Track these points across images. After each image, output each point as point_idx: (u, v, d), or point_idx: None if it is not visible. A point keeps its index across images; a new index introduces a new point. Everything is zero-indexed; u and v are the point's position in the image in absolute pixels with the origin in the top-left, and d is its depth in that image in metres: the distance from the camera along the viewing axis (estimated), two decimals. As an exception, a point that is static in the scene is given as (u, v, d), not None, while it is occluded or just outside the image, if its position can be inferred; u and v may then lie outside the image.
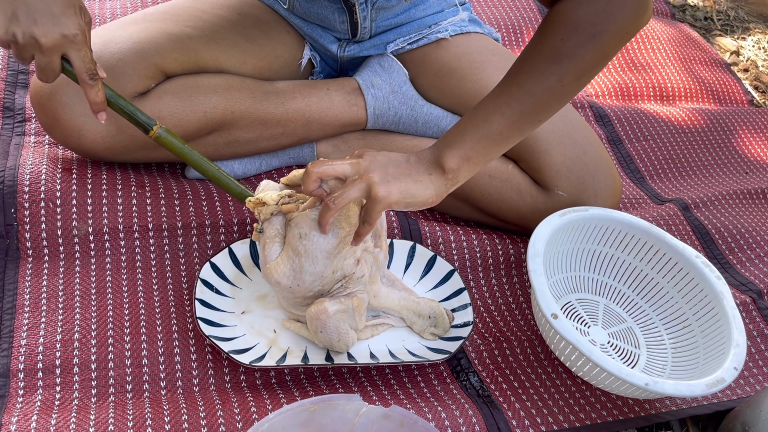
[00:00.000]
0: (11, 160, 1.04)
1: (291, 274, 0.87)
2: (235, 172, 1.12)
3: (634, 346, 1.04)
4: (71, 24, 0.75)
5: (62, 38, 0.76)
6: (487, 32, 1.23)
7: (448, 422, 0.86)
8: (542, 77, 0.80)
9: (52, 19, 0.74)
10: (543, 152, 1.07)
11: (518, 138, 0.85)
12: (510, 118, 0.82)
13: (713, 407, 0.97)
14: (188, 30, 1.03)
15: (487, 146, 0.83)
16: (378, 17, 1.13)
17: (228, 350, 0.87)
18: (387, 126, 1.17)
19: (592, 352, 0.87)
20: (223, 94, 1.03)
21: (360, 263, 0.90)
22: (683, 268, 1.04)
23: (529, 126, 0.84)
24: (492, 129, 0.82)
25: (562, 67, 0.79)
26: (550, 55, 0.80)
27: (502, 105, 0.82)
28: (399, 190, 0.80)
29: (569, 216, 1.02)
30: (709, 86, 1.64)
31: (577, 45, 0.79)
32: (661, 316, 1.06)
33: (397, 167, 0.82)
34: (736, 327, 0.95)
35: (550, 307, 0.90)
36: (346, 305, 0.88)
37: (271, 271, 0.87)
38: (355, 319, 0.90)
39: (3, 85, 1.19)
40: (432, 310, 0.97)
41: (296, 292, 0.89)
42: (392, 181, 0.80)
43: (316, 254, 0.86)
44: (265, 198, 0.87)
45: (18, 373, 0.85)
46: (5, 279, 0.94)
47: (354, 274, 0.90)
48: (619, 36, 0.80)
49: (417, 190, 0.82)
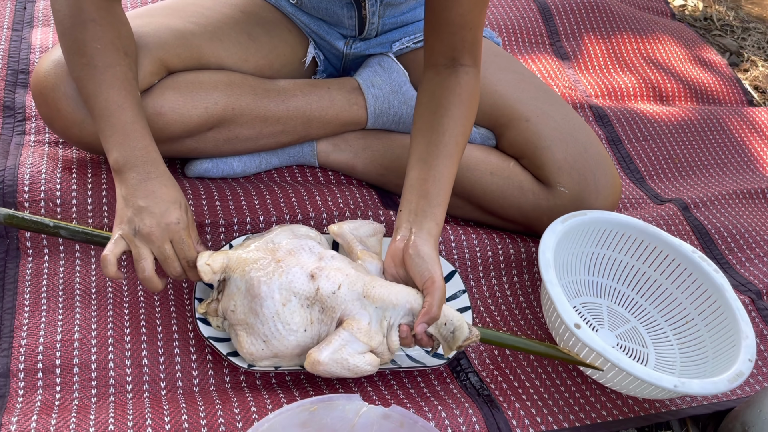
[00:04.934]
0: (11, 160, 1.03)
1: (263, 346, 0.84)
2: (235, 170, 1.12)
3: (642, 345, 1.04)
4: (173, 216, 0.86)
5: (166, 227, 0.85)
6: (489, 36, 1.25)
7: (448, 422, 0.86)
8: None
9: (157, 215, 0.85)
10: (545, 148, 1.07)
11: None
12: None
13: (713, 407, 0.98)
14: (191, 26, 1.03)
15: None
16: (385, 14, 1.13)
17: (226, 353, 0.87)
18: (387, 125, 1.17)
19: (620, 360, 0.87)
20: (224, 91, 1.03)
21: (317, 276, 0.84)
22: (681, 264, 1.04)
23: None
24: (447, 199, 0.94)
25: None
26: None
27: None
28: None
29: (571, 221, 1.03)
30: (709, 86, 1.64)
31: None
32: (663, 313, 1.06)
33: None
34: (741, 319, 0.95)
35: (571, 318, 0.89)
36: (339, 341, 0.82)
37: (246, 356, 0.85)
38: (360, 340, 0.83)
39: (3, 85, 1.19)
40: (447, 317, 0.86)
41: (284, 355, 0.85)
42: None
43: (265, 315, 0.83)
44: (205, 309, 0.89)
45: (18, 373, 0.85)
46: (5, 279, 0.94)
47: (320, 293, 0.84)
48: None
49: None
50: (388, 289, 0.85)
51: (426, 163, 0.94)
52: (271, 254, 0.86)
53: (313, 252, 0.88)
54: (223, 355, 0.87)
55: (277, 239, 0.89)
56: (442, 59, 0.99)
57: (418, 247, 0.87)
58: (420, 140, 0.96)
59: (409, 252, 0.87)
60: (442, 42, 0.97)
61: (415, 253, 0.87)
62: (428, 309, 0.84)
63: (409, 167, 0.96)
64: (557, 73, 1.57)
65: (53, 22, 1.35)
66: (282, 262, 0.85)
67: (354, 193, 1.14)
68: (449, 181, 0.94)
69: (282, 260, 0.85)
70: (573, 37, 1.68)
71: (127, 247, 0.86)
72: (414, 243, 0.87)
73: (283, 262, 0.85)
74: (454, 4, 0.94)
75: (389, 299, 0.84)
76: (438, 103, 0.97)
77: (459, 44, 0.97)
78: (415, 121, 0.99)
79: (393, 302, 0.85)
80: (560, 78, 1.56)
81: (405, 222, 0.91)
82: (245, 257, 0.86)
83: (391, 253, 0.90)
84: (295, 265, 0.85)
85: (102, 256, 0.84)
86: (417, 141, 0.97)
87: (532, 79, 1.18)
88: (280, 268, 0.84)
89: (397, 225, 0.91)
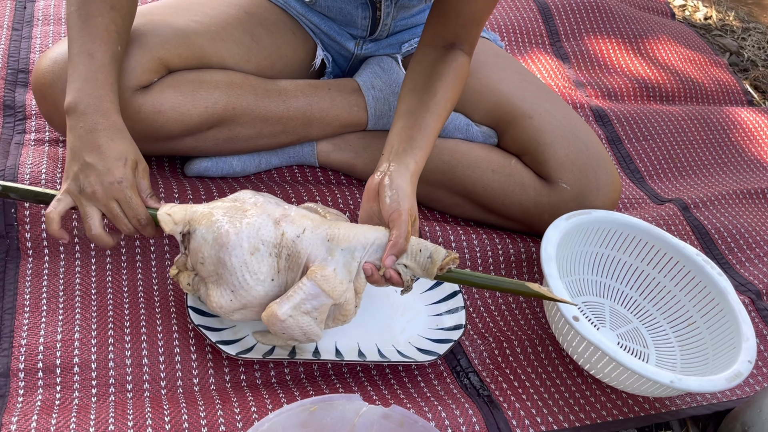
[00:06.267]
0: (11, 159, 1.04)
1: (231, 296, 0.83)
2: (235, 169, 1.13)
3: (643, 345, 1.04)
4: (116, 174, 0.85)
5: (109, 186, 0.84)
6: (493, 39, 1.26)
7: (448, 422, 0.86)
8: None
9: (101, 173, 0.84)
10: (548, 145, 1.08)
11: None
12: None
13: (713, 407, 0.98)
14: (194, 25, 1.03)
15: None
16: (398, 15, 1.14)
17: (215, 340, 0.87)
18: (388, 126, 1.17)
19: (617, 353, 0.87)
20: (225, 90, 1.04)
21: (282, 222, 0.83)
22: (684, 267, 1.04)
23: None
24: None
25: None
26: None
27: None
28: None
29: (575, 219, 1.03)
30: (709, 86, 1.64)
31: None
32: (665, 315, 1.06)
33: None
34: (743, 321, 0.96)
35: (570, 310, 0.90)
36: (301, 294, 0.80)
37: (216, 309, 0.84)
38: (325, 291, 0.81)
39: (3, 84, 1.19)
40: (421, 244, 0.84)
41: (252, 306, 0.84)
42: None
43: (233, 265, 0.81)
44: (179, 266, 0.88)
45: (18, 372, 0.85)
46: (5, 279, 0.94)
47: (284, 238, 0.82)
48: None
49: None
50: (354, 230, 0.83)
51: (414, 115, 0.95)
52: (236, 207, 0.85)
53: (279, 205, 0.87)
54: (212, 341, 0.87)
55: (241, 196, 0.87)
56: (441, 42, 1.02)
57: (393, 179, 0.87)
58: (409, 97, 0.97)
59: (384, 183, 0.87)
60: (448, 30, 1.01)
61: (388, 184, 0.86)
62: (395, 241, 0.82)
63: (396, 119, 0.96)
64: (557, 73, 1.57)
65: (53, 22, 1.35)
66: (248, 212, 0.83)
67: (354, 193, 1.14)
68: (434, 134, 0.95)
69: (248, 210, 0.84)
70: (573, 37, 1.68)
71: (73, 203, 0.86)
72: (390, 176, 0.87)
73: (250, 212, 0.84)
74: (470, 1, 0.98)
75: (356, 239, 0.82)
76: (433, 70, 0.99)
77: (463, 35, 1.01)
78: (405, 83, 1.00)
79: (361, 242, 0.82)
80: (560, 78, 1.56)
81: (384, 161, 0.91)
82: (209, 210, 0.84)
83: (367, 189, 0.89)
84: (261, 213, 0.84)
85: (45, 213, 0.84)
86: (406, 98, 0.98)
87: (533, 80, 1.19)
88: (246, 218, 0.83)
89: (377, 166, 0.91)
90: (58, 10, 1.37)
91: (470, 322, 1.03)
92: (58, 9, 1.38)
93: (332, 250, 0.82)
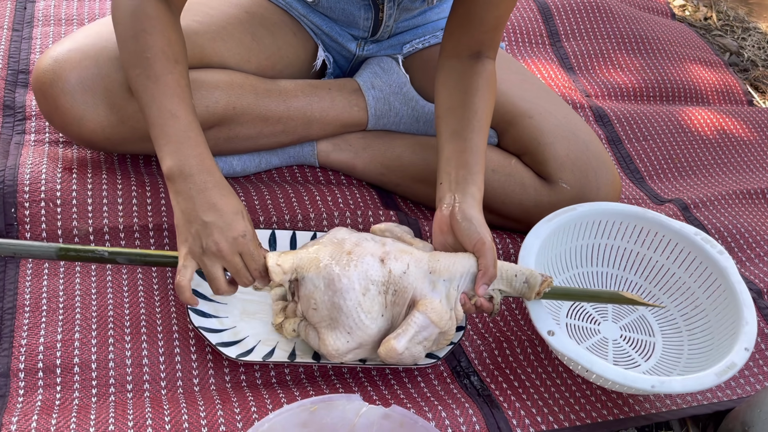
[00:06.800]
0: (11, 160, 1.04)
1: (347, 338, 0.85)
2: (235, 169, 1.13)
3: (649, 334, 1.03)
4: (239, 229, 0.84)
5: (234, 241, 0.84)
6: None
7: (448, 422, 0.86)
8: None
9: (224, 229, 0.84)
10: (548, 144, 1.08)
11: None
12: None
13: (713, 407, 0.98)
14: (195, 25, 1.03)
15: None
16: (400, 17, 1.14)
17: (216, 342, 0.88)
18: (388, 126, 1.17)
19: (593, 365, 0.86)
20: (225, 90, 1.04)
21: (387, 259, 0.86)
22: (684, 248, 1.04)
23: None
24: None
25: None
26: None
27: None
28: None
29: (556, 221, 1.01)
30: (709, 86, 1.64)
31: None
32: (672, 297, 1.05)
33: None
34: (744, 303, 0.94)
35: (546, 324, 0.89)
36: (414, 327, 0.84)
37: (332, 353, 0.85)
38: (434, 322, 0.85)
39: (3, 84, 1.19)
40: (515, 269, 0.89)
41: (366, 344, 0.86)
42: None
43: (348, 307, 0.84)
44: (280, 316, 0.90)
45: (18, 372, 0.85)
46: (5, 279, 0.94)
47: (392, 275, 0.85)
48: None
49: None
50: (451, 259, 0.87)
51: (460, 137, 0.95)
52: (339, 248, 0.87)
53: (375, 241, 0.89)
54: (212, 344, 0.87)
55: (338, 236, 0.89)
56: (466, 52, 1.02)
57: (465, 211, 0.89)
58: (451, 117, 0.98)
59: (456, 218, 0.89)
60: (472, 38, 1.01)
61: (462, 217, 0.89)
62: (485, 270, 0.86)
63: (443, 142, 0.97)
64: (557, 73, 1.57)
65: (53, 22, 1.35)
66: (353, 254, 0.86)
67: (354, 192, 1.14)
68: (484, 153, 0.96)
69: (352, 252, 0.86)
70: (573, 37, 1.68)
71: (197, 267, 0.85)
72: (460, 208, 0.89)
73: (354, 253, 0.86)
74: (493, 7, 0.98)
75: (455, 269, 0.87)
76: (468, 84, 0.99)
77: (488, 41, 1.02)
78: (442, 102, 1.00)
79: (459, 271, 0.87)
80: (560, 78, 1.56)
81: (447, 192, 0.92)
82: (315, 255, 0.86)
83: (437, 222, 0.92)
84: (366, 254, 0.86)
85: (176, 283, 0.83)
86: (448, 118, 0.98)
87: (533, 80, 1.19)
88: (353, 260, 0.85)
89: (439, 197, 0.93)
90: (58, 11, 1.37)
91: (470, 322, 1.03)
92: (59, 9, 1.38)
93: (435, 282, 0.86)
